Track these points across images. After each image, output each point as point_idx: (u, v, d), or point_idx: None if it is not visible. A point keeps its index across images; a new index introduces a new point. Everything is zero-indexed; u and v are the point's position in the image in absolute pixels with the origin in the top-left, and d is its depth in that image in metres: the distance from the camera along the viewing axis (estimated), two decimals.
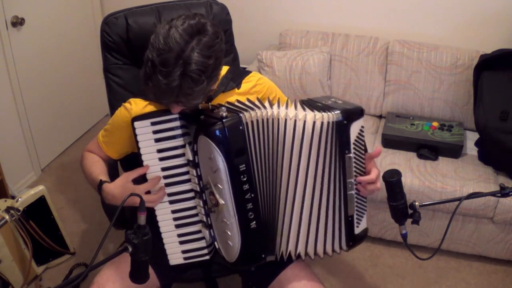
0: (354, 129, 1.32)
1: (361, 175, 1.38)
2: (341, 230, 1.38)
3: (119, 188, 1.36)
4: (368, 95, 2.66)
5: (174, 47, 1.20)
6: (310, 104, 1.39)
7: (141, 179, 1.40)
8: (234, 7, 2.02)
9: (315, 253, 1.40)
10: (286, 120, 1.30)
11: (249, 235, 1.34)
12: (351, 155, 1.32)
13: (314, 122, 1.30)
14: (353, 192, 1.35)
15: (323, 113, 1.30)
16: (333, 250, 1.40)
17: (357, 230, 1.40)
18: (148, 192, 1.38)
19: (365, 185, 1.37)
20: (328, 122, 1.30)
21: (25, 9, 2.63)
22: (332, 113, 1.30)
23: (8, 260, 1.94)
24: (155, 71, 1.21)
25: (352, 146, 1.32)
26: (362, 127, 1.36)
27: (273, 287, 1.46)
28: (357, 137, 1.34)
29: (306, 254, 1.40)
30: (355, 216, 1.38)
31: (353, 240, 1.40)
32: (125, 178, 1.37)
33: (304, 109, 1.33)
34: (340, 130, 1.30)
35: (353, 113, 1.32)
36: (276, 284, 1.46)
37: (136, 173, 1.38)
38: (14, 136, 2.73)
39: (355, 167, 1.35)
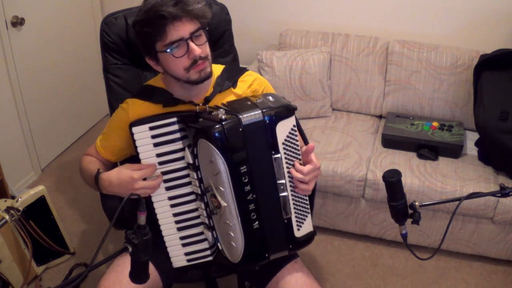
0: (282, 128, 1.31)
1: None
2: (280, 232, 1.38)
3: (115, 174, 1.36)
4: (368, 95, 2.65)
5: None
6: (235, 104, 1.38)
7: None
8: (234, 7, 2.01)
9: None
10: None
11: (252, 236, 1.34)
12: (278, 156, 1.32)
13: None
14: (285, 194, 1.35)
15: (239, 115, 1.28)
16: (275, 252, 1.40)
17: (298, 233, 1.40)
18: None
19: (297, 184, 1.35)
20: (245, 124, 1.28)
21: (25, 9, 2.63)
22: (251, 113, 1.29)
23: (8, 260, 1.94)
24: (148, 13, 1.26)
25: (281, 146, 1.32)
26: (294, 126, 1.34)
27: (270, 287, 1.46)
28: (288, 137, 1.33)
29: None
30: (294, 219, 1.38)
31: (292, 243, 1.40)
32: (122, 166, 1.37)
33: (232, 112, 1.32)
34: (259, 130, 1.29)
35: (278, 113, 1.30)
36: (273, 284, 1.46)
37: (136, 165, 1.37)
38: (14, 136, 2.73)
39: (289, 167, 1.34)
